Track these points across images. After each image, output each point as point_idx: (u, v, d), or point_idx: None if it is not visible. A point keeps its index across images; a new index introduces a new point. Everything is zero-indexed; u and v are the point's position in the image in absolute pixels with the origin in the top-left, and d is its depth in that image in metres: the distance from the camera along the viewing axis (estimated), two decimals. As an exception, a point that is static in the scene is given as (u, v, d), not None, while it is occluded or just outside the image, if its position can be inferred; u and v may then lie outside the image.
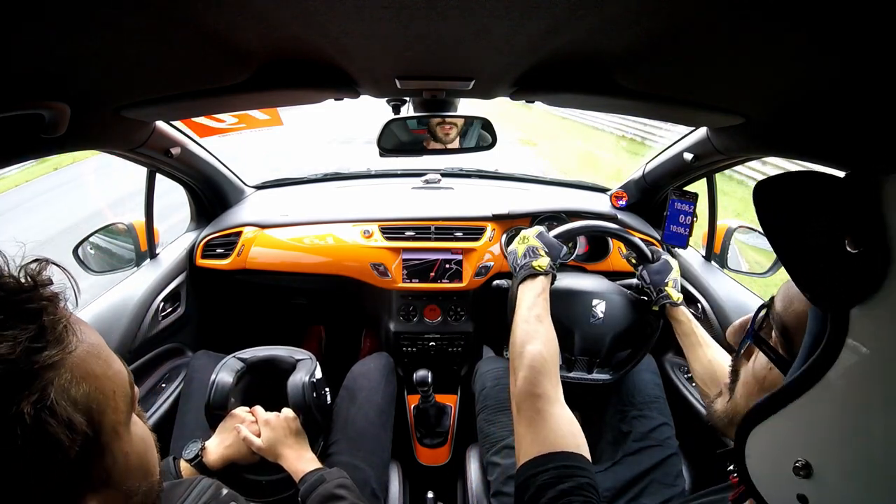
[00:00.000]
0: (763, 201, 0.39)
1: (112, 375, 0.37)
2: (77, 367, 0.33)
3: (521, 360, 0.72)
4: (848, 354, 0.33)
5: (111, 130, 0.85)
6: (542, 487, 0.53)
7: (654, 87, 0.67)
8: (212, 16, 0.43)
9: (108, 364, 0.37)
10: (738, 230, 1.32)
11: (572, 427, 0.62)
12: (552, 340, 0.76)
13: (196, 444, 0.84)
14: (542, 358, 0.71)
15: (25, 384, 0.29)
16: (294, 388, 0.93)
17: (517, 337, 0.77)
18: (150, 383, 1.27)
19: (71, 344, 0.33)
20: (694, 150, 1.15)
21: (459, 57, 0.61)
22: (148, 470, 0.42)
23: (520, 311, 0.83)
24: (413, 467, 1.36)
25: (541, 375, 0.68)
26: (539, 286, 0.87)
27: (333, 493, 0.74)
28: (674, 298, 1.00)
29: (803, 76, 0.47)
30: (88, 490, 0.34)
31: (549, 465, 0.56)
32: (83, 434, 0.32)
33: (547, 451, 0.58)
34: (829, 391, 0.34)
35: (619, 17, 0.43)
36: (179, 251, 1.44)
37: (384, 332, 1.55)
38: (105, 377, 0.36)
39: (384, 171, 1.88)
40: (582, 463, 0.56)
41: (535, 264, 0.91)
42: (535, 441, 0.60)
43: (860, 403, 0.33)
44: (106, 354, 0.38)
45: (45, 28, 0.39)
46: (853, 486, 0.33)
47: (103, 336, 0.39)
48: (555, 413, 0.64)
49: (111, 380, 0.37)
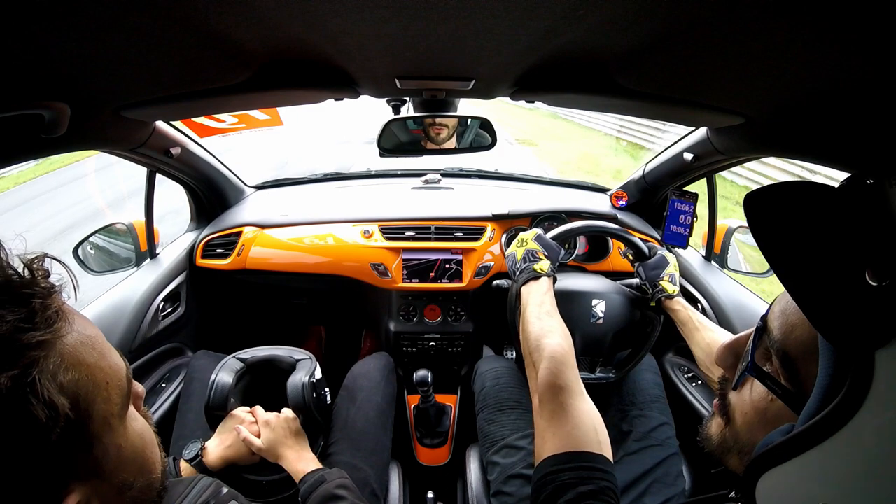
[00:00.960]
0: (760, 223, 0.35)
1: (106, 367, 0.37)
2: (68, 354, 0.34)
3: (539, 352, 0.71)
4: (875, 400, 0.30)
5: (111, 130, 0.85)
6: (561, 487, 0.52)
7: (654, 87, 0.67)
8: (212, 16, 0.43)
9: (103, 356, 0.38)
10: (738, 230, 1.32)
11: (595, 422, 0.60)
12: (568, 335, 0.76)
13: (196, 444, 0.84)
14: (563, 349, 0.70)
15: (8, 360, 0.30)
16: (294, 388, 0.93)
17: (532, 333, 0.76)
18: (150, 383, 1.27)
19: (62, 330, 0.34)
20: (694, 150, 1.15)
21: (459, 57, 0.61)
22: (145, 466, 0.42)
23: (530, 310, 0.83)
24: (413, 467, 1.36)
25: (563, 366, 0.67)
26: (543, 286, 0.88)
27: (334, 494, 0.74)
28: (669, 291, 1.00)
29: (803, 76, 0.47)
30: (74, 479, 0.34)
31: (571, 465, 0.54)
32: (65, 417, 0.32)
33: (569, 450, 0.56)
34: (855, 438, 0.31)
35: (619, 17, 0.43)
36: (179, 251, 1.44)
37: (384, 332, 1.55)
38: (97, 367, 0.36)
39: (384, 172, 1.88)
40: (603, 465, 0.55)
41: (535, 267, 0.91)
42: (557, 436, 0.58)
43: (890, 451, 0.30)
44: (101, 346, 0.38)
45: (45, 28, 0.39)
46: None
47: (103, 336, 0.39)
48: (578, 406, 0.62)
49: (104, 371, 0.37)
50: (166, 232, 1.49)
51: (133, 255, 1.35)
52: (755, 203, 0.36)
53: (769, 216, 0.35)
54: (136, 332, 1.20)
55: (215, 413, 0.90)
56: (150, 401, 1.21)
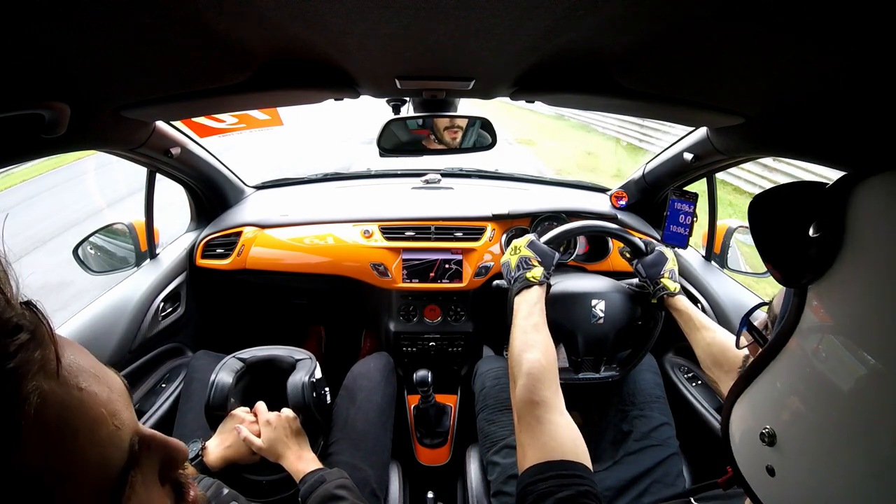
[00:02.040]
0: (755, 208, 0.43)
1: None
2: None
3: (519, 368, 0.72)
4: (804, 325, 0.37)
5: (111, 130, 0.85)
6: (540, 497, 0.53)
7: (654, 87, 0.67)
8: (212, 16, 0.43)
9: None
10: (738, 230, 1.32)
11: (572, 434, 0.62)
12: (550, 349, 0.77)
13: (196, 443, 0.84)
14: (541, 366, 0.71)
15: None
16: (294, 388, 0.93)
17: (515, 347, 0.77)
18: (150, 383, 1.27)
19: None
20: (694, 150, 1.15)
21: (459, 57, 0.61)
22: None
23: (517, 322, 0.83)
24: (413, 467, 1.36)
25: (539, 383, 0.68)
26: (534, 296, 0.88)
27: (333, 494, 0.74)
28: (671, 289, 0.99)
29: (803, 76, 0.47)
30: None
31: (549, 474, 0.56)
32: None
33: (546, 459, 0.58)
34: (790, 359, 0.38)
35: (619, 17, 0.43)
36: (179, 251, 1.44)
37: (384, 332, 1.55)
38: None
39: (384, 171, 1.88)
40: (581, 471, 0.56)
41: (528, 276, 0.91)
42: (535, 448, 0.60)
43: (815, 372, 0.35)
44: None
45: (45, 28, 0.39)
46: (811, 454, 0.35)
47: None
48: (554, 420, 0.64)
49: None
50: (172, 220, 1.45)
51: (133, 255, 1.35)
52: (756, 203, 0.43)
53: (762, 203, 0.43)
54: (136, 332, 1.20)
55: (215, 413, 0.90)
56: (150, 401, 1.21)
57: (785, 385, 0.38)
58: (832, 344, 0.34)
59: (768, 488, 0.39)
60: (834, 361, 0.34)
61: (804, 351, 0.37)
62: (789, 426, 0.37)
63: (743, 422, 0.43)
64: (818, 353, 0.35)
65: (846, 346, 0.33)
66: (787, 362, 0.38)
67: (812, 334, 0.36)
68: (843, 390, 0.33)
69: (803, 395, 0.36)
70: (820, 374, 0.35)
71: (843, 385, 0.33)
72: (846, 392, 0.33)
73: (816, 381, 0.35)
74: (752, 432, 0.40)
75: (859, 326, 0.33)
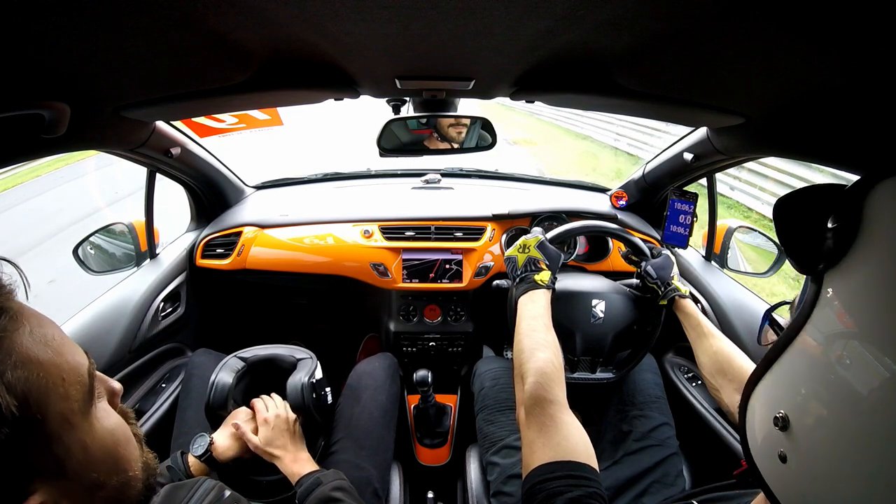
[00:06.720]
0: (780, 206, 0.45)
1: (63, 363, 0.37)
2: (17, 352, 0.34)
3: (529, 365, 0.72)
4: (820, 311, 0.38)
5: (111, 130, 0.85)
6: (551, 495, 0.53)
7: (654, 87, 0.67)
8: (212, 16, 0.43)
9: (59, 352, 0.37)
10: (738, 230, 1.32)
11: (583, 436, 0.62)
12: (559, 351, 0.77)
13: (203, 438, 0.83)
14: (553, 365, 0.71)
15: None
16: (293, 388, 0.93)
17: (525, 345, 0.77)
18: (150, 383, 1.27)
19: (9, 328, 0.34)
20: (694, 150, 1.15)
21: (459, 57, 0.61)
22: (119, 465, 0.41)
23: (525, 321, 0.83)
24: (413, 467, 1.36)
25: (553, 382, 0.68)
26: (542, 298, 0.88)
27: (330, 496, 0.74)
28: (682, 291, 1.00)
29: (803, 76, 0.47)
30: (38, 477, 0.34)
31: (560, 473, 0.56)
32: (12, 415, 0.32)
33: (559, 459, 0.57)
34: (805, 345, 0.39)
35: (619, 17, 0.43)
36: (179, 251, 1.44)
37: (384, 332, 1.55)
38: (52, 364, 0.36)
39: (384, 171, 1.88)
40: (591, 474, 0.56)
41: (536, 278, 0.91)
42: (547, 446, 0.60)
43: (829, 357, 0.36)
44: (58, 343, 0.38)
45: (45, 28, 0.39)
46: (822, 440, 0.36)
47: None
48: (566, 420, 0.64)
49: (60, 367, 0.37)
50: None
51: (133, 255, 1.35)
52: (781, 202, 0.45)
53: (789, 202, 0.45)
54: (136, 332, 1.20)
55: (216, 413, 0.90)
56: (150, 401, 1.21)
57: (800, 369, 0.39)
58: (846, 331, 0.36)
59: (780, 476, 0.40)
60: (846, 348, 0.35)
61: (819, 337, 0.38)
62: (802, 410, 0.38)
63: (759, 407, 0.44)
64: (832, 340, 0.36)
65: (860, 334, 0.34)
66: (802, 348, 0.40)
67: (827, 321, 0.37)
68: (854, 375, 0.34)
69: (816, 379, 0.37)
70: (832, 360, 0.36)
71: (854, 370, 0.34)
72: (857, 377, 0.34)
73: (828, 367, 0.36)
74: (766, 417, 0.41)
75: (873, 313, 0.34)
